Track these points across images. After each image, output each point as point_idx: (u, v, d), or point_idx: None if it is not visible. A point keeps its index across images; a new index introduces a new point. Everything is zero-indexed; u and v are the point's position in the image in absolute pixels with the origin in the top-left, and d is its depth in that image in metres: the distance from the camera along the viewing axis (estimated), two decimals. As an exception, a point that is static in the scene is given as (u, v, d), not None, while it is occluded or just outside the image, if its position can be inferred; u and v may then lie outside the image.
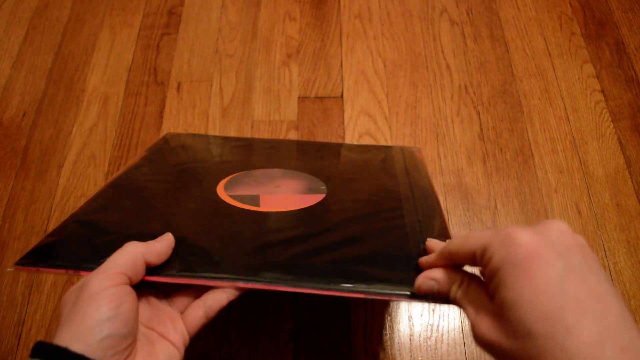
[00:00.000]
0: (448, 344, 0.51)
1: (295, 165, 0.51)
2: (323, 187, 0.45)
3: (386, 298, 0.31)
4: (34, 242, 0.57)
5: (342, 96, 0.68)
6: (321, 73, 0.70)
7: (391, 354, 0.50)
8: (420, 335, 0.51)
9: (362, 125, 0.65)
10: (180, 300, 0.34)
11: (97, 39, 0.74)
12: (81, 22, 0.76)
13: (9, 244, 0.57)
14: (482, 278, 0.28)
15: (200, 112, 0.67)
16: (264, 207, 0.41)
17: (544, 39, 0.72)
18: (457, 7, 0.75)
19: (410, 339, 0.51)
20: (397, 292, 0.31)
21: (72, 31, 0.75)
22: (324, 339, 0.51)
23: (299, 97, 0.68)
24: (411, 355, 0.50)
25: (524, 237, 0.24)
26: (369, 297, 0.31)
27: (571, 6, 0.75)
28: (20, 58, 0.72)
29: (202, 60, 0.71)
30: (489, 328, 0.25)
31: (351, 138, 0.64)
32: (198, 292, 0.34)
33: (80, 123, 0.66)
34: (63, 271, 0.32)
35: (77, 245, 0.34)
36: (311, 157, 0.54)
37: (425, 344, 0.51)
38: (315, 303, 0.52)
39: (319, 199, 0.43)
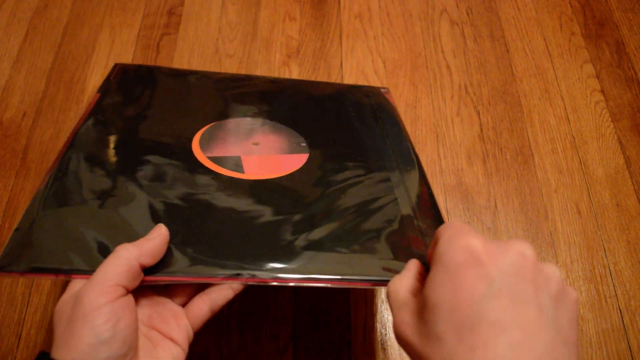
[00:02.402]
0: (448, 344, 0.51)
1: (270, 112, 0.47)
2: (304, 144, 0.43)
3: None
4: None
5: (342, 96, 0.68)
6: (321, 73, 0.70)
7: (391, 354, 0.50)
8: (420, 335, 0.51)
9: (362, 125, 0.65)
10: (182, 293, 0.32)
11: (97, 39, 0.74)
12: (81, 22, 0.76)
13: (9, 244, 0.57)
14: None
15: (200, 112, 0.67)
16: (249, 173, 0.39)
17: (544, 39, 0.72)
18: (457, 7, 0.75)
19: (410, 339, 0.51)
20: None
21: (72, 31, 0.75)
22: (324, 339, 0.51)
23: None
24: (411, 355, 0.50)
25: (470, 243, 0.24)
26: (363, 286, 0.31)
27: (571, 6, 0.75)
28: (20, 58, 0.72)
29: (202, 60, 0.71)
30: (407, 325, 0.25)
31: (351, 138, 0.64)
32: (201, 285, 0.32)
33: (80, 123, 0.66)
34: (53, 276, 0.29)
35: (59, 242, 0.31)
36: (284, 99, 0.50)
37: (425, 344, 0.51)
38: (315, 303, 0.52)
39: (303, 160, 0.41)
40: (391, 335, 0.51)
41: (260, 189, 0.38)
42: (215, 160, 0.40)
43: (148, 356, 0.28)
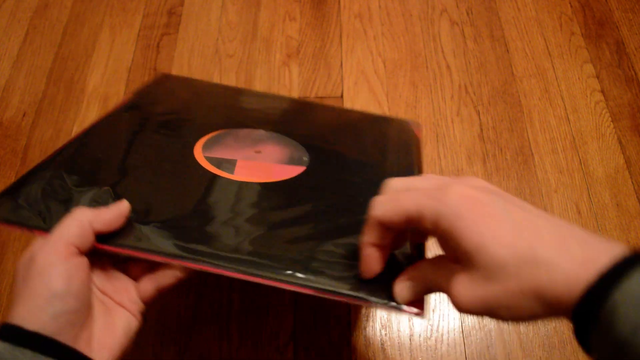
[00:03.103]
0: (448, 344, 0.51)
1: (285, 127, 0.48)
2: (305, 159, 0.43)
3: (362, 303, 0.29)
4: (33, 241, 0.57)
5: (342, 96, 0.68)
6: (321, 73, 0.70)
7: (391, 354, 0.50)
8: (420, 335, 0.51)
9: (362, 125, 0.65)
10: (136, 268, 0.34)
11: (97, 39, 0.74)
12: (81, 22, 0.76)
13: (8, 243, 0.57)
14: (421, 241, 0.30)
15: (200, 112, 0.67)
16: (238, 174, 0.39)
17: (544, 39, 0.72)
18: (457, 7, 0.75)
19: (410, 339, 0.51)
20: (376, 300, 0.29)
21: (72, 31, 0.75)
22: (324, 339, 0.51)
23: (299, 97, 0.68)
24: (411, 355, 0.50)
25: (458, 190, 0.25)
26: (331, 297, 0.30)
27: (571, 6, 0.75)
28: (20, 58, 0.72)
29: (202, 60, 0.71)
30: (466, 289, 0.25)
31: (351, 138, 0.64)
32: (154, 264, 0.33)
33: (80, 123, 0.66)
34: (17, 228, 0.31)
35: (36, 202, 0.33)
36: (304, 119, 0.51)
37: (425, 344, 0.51)
38: (315, 303, 0.52)
39: (298, 172, 0.41)
40: (391, 335, 0.51)
41: (240, 189, 0.38)
42: (210, 159, 0.41)
43: (103, 318, 0.30)
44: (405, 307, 0.29)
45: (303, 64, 0.71)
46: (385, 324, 0.52)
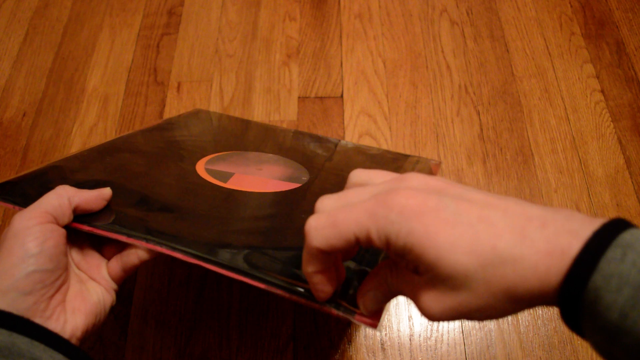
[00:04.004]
0: (448, 344, 0.51)
1: (296, 156, 0.49)
2: (305, 178, 0.43)
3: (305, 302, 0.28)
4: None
5: (342, 96, 0.68)
6: (321, 73, 0.70)
7: (391, 354, 0.50)
8: (420, 335, 0.51)
9: (362, 125, 0.65)
10: (109, 250, 0.36)
11: (97, 39, 0.74)
12: (81, 22, 0.76)
13: (9, 244, 0.57)
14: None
15: (200, 112, 0.67)
16: (230, 184, 0.41)
17: (544, 39, 0.72)
18: (457, 7, 0.75)
19: (410, 339, 0.51)
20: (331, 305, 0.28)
21: (72, 31, 0.75)
22: (324, 339, 0.51)
23: (299, 97, 0.68)
24: (411, 355, 0.50)
25: (401, 201, 0.23)
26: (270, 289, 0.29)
27: (571, 6, 0.75)
28: (20, 58, 0.72)
29: (202, 60, 0.71)
30: (434, 301, 0.23)
31: (351, 138, 0.64)
32: (125, 246, 0.35)
33: (80, 123, 0.66)
34: (10, 206, 0.34)
35: (35, 188, 0.35)
36: (322, 152, 0.52)
37: (425, 344, 0.51)
38: (315, 303, 0.52)
39: (291, 187, 0.41)
40: (391, 335, 0.51)
41: (223, 194, 0.39)
42: (209, 171, 0.42)
43: (78, 287, 0.32)
44: (360, 318, 0.27)
45: (303, 64, 0.71)
46: (385, 324, 0.52)
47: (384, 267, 0.27)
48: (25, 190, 0.35)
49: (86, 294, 0.32)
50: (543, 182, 0.61)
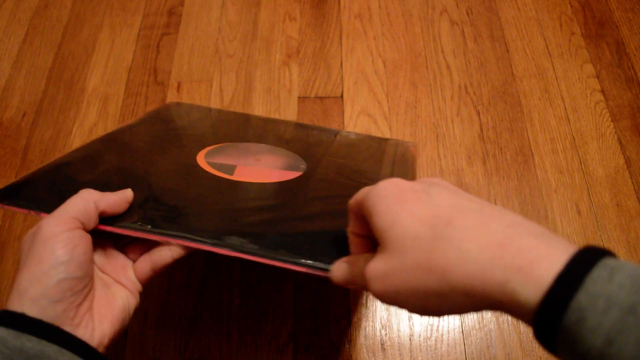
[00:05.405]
0: (448, 344, 0.51)
1: (285, 144, 0.50)
2: (303, 166, 0.45)
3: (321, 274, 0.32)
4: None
5: (342, 96, 0.68)
6: (321, 73, 0.70)
7: (391, 354, 0.50)
8: (420, 335, 0.51)
9: (362, 125, 0.65)
10: (135, 250, 0.35)
11: (97, 39, 0.74)
12: (81, 22, 0.76)
13: (9, 243, 0.57)
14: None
15: (200, 112, 0.67)
16: (237, 176, 0.42)
17: (544, 39, 0.72)
18: (457, 7, 0.75)
19: (410, 339, 0.51)
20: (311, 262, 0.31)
21: (72, 31, 0.75)
22: (324, 339, 0.51)
23: (299, 97, 0.68)
24: (411, 355, 0.50)
25: (391, 180, 0.26)
26: (299, 269, 0.32)
27: (571, 6, 0.75)
28: (20, 58, 0.72)
29: (202, 60, 0.71)
30: (374, 263, 0.25)
31: (351, 138, 0.64)
32: (152, 245, 0.34)
33: (80, 123, 0.66)
34: (25, 211, 0.33)
35: (45, 189, 0.35)
36: (304, 138, 0.54)
37: (425, 344, 0.51)
38: (316, 303, 0.52)
39: (294, 176, 0.43)
40: (391, 335, 0.51)
41: (236, 186, 0.40)
42: (212, 164, 0.43)
43: (103, 292, 0.32)
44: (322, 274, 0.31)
45: (303, 64, 0.71)
46: (385, 324, 0.52)
47: (368, 253, 0.29)
48: (36, 193, 0.35)
49: (112, 299, 0.32)
50: (543, 182, 0.61)
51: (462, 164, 0.62)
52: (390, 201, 0.25)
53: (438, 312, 0.23)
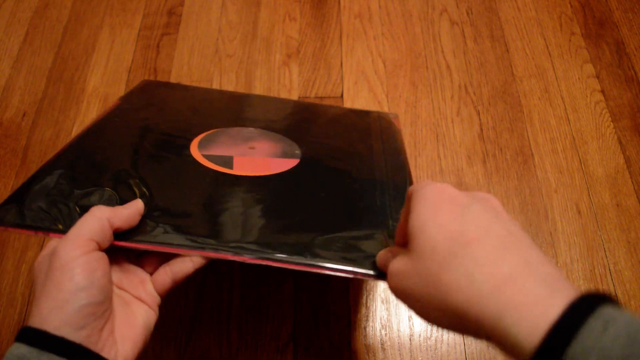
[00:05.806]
0: (448, 344, 0.51)
1: (273, 125, 0.50)
2: (297, 152, 0.45)
3: (350, 276, 0.32)
4: (33, 241, 0.57)
5: (342, 96, 0.68)
6: (321, 73, 0.70)
7: (391, 354, 0.50)
8: (420, 335, 0.51)
9: (362, 125, 0.65)
10: (150, 262, 0.34)
11: (97, 39, 0.74)
12: (81, 22, 0.76)
13: (8, 243, 0.57)
14: None
15: (200, 112, 0.67)
16: (237, 170, 0.41)
17: (544, 39, 0.72)
18: (457, 7, 0.75)
19: (410, 339, 0.51)
20: (361, 270, 0.32)
21: (72, 31, 0.75)
22: (324, 339, 0.51)
23: (299, 97, 0.68)
24: (411, 355, 0.50)
25: (443, 184, 0.26)
26: (336, 274, 0.32)
27: (571, 6, 0.75)
28: (20, 58, 0.72)
29: (202, 60, 0.71)
30: (396, 261, 0.26)
31: (351, 138, 0.64)
32: (168, 255, 0.34)
33: (80, 123, 0.66)
34: (32, 232, 0.32)
35: (47, 204, 0.34)
36: (290, 116, 0.54)
37: (425, 344, 0.51)
38: (316, 303, 0.52)
39: (293, 164, 0.43)
40: (391, 335, 0.51)
41: (242, 183, 0.40)
42: (208, 157, 0.42)
43: (123, 312, 0.31)
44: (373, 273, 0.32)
45: (303, 64, 0.71)
46: (385, 324, 0.52)
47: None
48: (39, 207, 0.33)
49: (132, 318, 0.31)
50: (543, 182, 0.61)
51: (462, 164, 0.62)
52: (428, 206, 0.25)
53: (439, 324, 0.24)
